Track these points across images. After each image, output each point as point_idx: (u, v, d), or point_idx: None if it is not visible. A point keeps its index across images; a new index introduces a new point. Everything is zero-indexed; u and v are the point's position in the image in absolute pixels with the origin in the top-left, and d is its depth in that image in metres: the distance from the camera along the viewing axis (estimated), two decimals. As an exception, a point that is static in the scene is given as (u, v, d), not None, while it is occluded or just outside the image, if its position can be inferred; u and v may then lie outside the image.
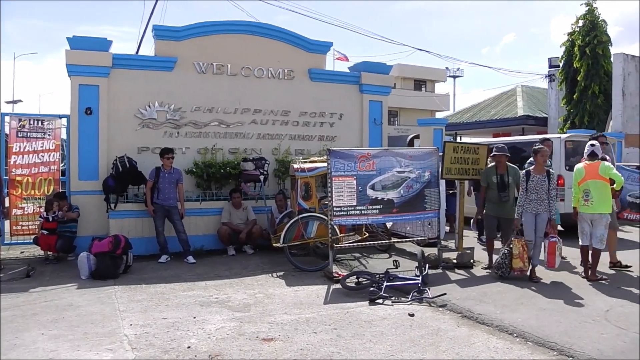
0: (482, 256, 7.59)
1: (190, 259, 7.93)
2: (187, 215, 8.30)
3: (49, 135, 8.60)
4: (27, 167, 8.49)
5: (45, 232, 7.86)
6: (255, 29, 9.86)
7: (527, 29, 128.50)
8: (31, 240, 8.27)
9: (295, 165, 7.83)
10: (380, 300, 5.69)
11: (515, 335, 4.66)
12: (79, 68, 8.47)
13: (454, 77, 45.88)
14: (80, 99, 8.51)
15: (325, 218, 7.16)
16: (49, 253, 7.99)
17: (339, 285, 6.31)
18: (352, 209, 6.95)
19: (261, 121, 9.78)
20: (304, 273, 7.20)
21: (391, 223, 8.38)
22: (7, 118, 8.54)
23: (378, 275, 6.34)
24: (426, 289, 5.94)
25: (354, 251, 8.45)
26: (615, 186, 6.63)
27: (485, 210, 7.46)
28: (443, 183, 8.20)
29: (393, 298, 5.80)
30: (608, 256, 7.26)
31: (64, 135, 9.23)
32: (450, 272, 7.14)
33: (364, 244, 7.91)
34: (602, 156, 7.11)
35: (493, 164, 7.41)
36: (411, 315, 5.20)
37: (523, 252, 6.47)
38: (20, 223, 8.53)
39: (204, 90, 9.37)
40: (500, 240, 7.42)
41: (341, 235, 7.66)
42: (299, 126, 10.06)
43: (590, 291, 6.09)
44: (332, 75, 10.81)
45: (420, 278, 6.19)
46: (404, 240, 8.61)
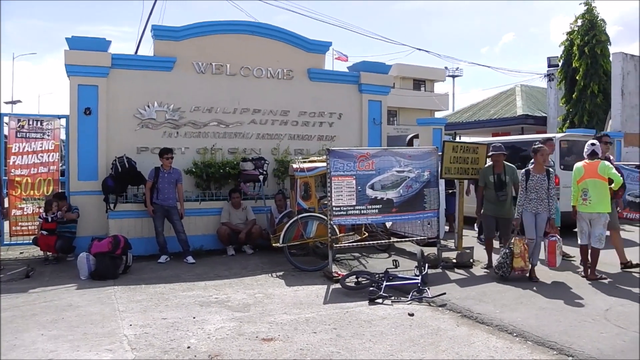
0: (482, 256, 7.59)
1: (190, 259, 7.93)
2: (187, 215, 8.30)
3: (48, 135, 8.60)
4: (27, 168, 8.49)
5: (44, 233, 7.86)
6: (255, 29, 9.86)
7: (527, 28, 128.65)
8: (30, 241, 8.27)
9: (295, 165, 7.83)
10: (379, 300, 5.70)
11: (514, 334, 4.67)
12: (78, 68, 8.47)
13: (453, 77, 45.80)
14: (80, 99, 8.51)
15: (325, 218, 7.16)
16: (48, 253, 7.99)
17: (338, 285, 6.31)
18: (352, 208, 6.95)
19: (260, 121, 9.78)
20: (303, 273, 7.20)
21: (390, 223, 8.38)
22: (6, 118, 8.54)
23: (378, 275, 6.34)
24: (426, 288, 5.94)
25: (354, 251, 8.45)
26: (613, 186, 6.62)
27: (483, 210, 7.46)
28: (442, 182, 8.20)
29: (393, 298, 5.80)
30: (606, 256, 7.25)
31: (63, 136, 9.24)
32: (450, 272, 7.15)
33: (363, 243, 7.93)
34: (606, 156, 7.10)
35: (490, 163, 7.42)
36: (411, 314, 5.20)
37: (524, 252, 6.44)
38: (19, 223, 8.53)
39: (203, 90, 9.37)
40: (498, 239, 7.43)
41: (341, 235, 7.67)
42: (298, 126, 10.07)
43: (590, 290, 6.09)
44: (332, 75, 10.81)
45: (419, 278, 6.19)
46: (403, 239, 8.61)
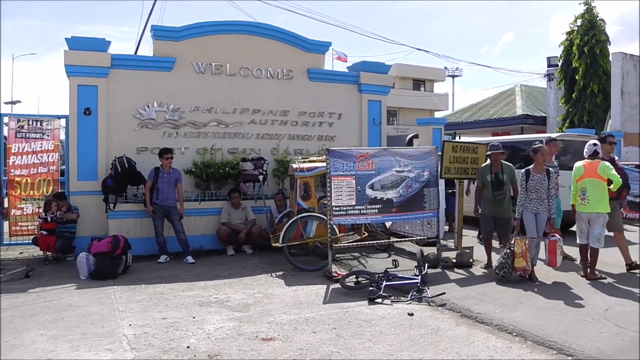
0: (482, 255, 7.59)
1: (190, 259, 7.93)
2: (186, 215, 8.30)
3: (47, 135, 8.60)
4: (26, 168, 8.48)
5: (44, 233, 7.86)
6: (254, 29, 9.86)
7: (526, 28, 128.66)
8: (30, 241, 8.27)
9: (295, 165, 7.83)
10: (379, 300, 5.70)
11: (514, 334, 4.67)
12: (77, 68, 8.46)
13: (453, 77, 45.76)
14: (79, 100, 8.50)
15: (325, 218, 7.16)
16: (48, 253, 7.99)
17: (338, 285, 6.31)
18: (351, 208, 6.95)
19: (260, 121, 9.78)
20: (303, 273, 7.20)
21: (390, 222, 8.38)
22: (6, 119, 8.53)
23: (377, 275, 6.34)
24: (425, 288, 5.94)
25: (353, 251, 8.45)
26: (612, 187, 6.60)
27: (481, 210, 7.46)
28: (442, 182, 8.20)
29: (392, 297, 5.80)
30: (606, 256, 7.25)
31: (62, 136, 9.23)
32: (450, 272, 7.14)
33: (363, 243, 7.93)
34: (611, 157, 7.08)
35: (488, 162, 7.41)
36: (410, 314, 5.20)
37: (526, 251, 6.34)
38: (19, 223, 8.52)
39: (203, 90, 9.36)
40: (498, 239, 7.43)
41: (340, 234, 7.67)
42: (298, 126, 10.07)
43: (590, 290, 6.08)
44: (331, 75, 10.81)
45: (419, 277, 6.19)
46: (403, 239, 8.61)
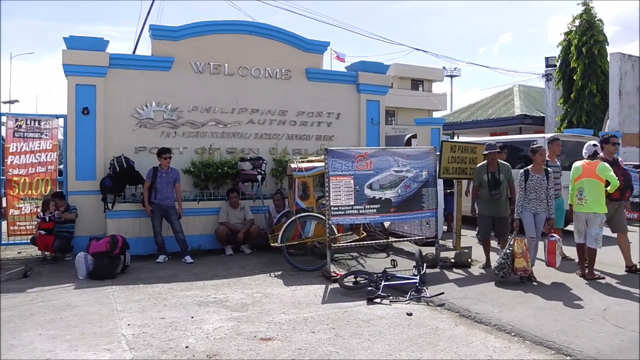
0: (480, 255, 7.59)
1: (188, 258, 7.92)
2: (185, 215, 8.29)
3: (46, 135, 8.58)
4: (24, 167, 8.46)
5: (42, 232, 7.84)
6: (253, 29, 9.85)
7: (525, 28, 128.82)
8: (28, 241, 8.25)
9: (293, 165, 7.83)
10: (378, 300, 5.70)
11: (513, 334, 4.67)
12: (76, 68, 8.45)
13: (451, 77, 45.73)
14: (78, 99, 8.49)
15: (323, 217, 7.16)
16: (46, 253, 7.98)
17: (336, 285, 6.31)
18: (350, 208, 6.95)
19: (258, 121, 9.78)
20: (301, 273, 7.20)
21: (389, 222, 8.38)
22: (4, 118, 8.50)
23: (376, 275, 6.34)
24: (424, 288, 5.94)
25: (352, 251, 8.45)
26: (609, 188, 6.60)
27: (478, 210, 7.46)
28: (441, 182, 8.21)
29: (391, 297, 5.80)
30: (605, 256, 7.27)
31: (61, 136, 9.21)
32: (448, 272, 7.15)
33: (361, 243, 7.92)
34: (615, 158, 7.05)
35: (484, 162, 7.42)
36: (409, 314, 5.20)
37: (526, 251, 6.28)
38: (17, 223, 8.49)
39: (201, 90, 9.36)
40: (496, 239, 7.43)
41: (339, 234, 7.67)
42: (297, 126, 10.07)
43: (588, 290, 6.09)
44: (330, 74, 10.81)
45: (418, 277, 6.19)
46: (401, 239, 8.61)
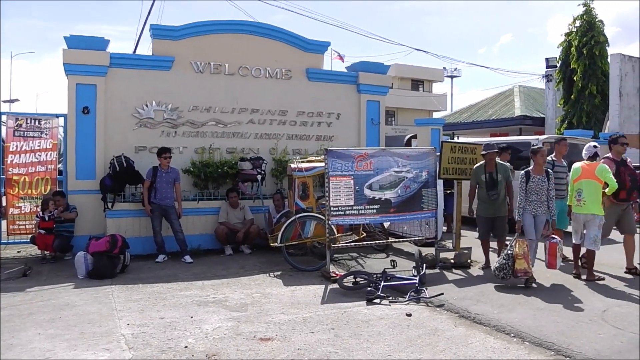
0: (480, 256, 7.59)
1: (188, 258, 7.92)
2: (185, 214, 8.28)
3: (46, 134, 8.58)
4: (24, 167, 8.46)
5: (42, 232, 7.84)
6: (253, 29, 9.85)
7: (525, 29, 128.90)
8: (28, 240, 8.25)
9: (293, 165, 7.83)
10: (377, 300, 5.69)
11: (512, 335, 4.67)
12: (76, 67, 8.45)
13: (452, 77, 45.80)
14: (78, 98, 8.49)
15: (323, 218, 7.16)
16: (46, 252, 7.98)
17: (336, 285, 6.31)
18: (350, 208, 6.95)
19: (259, 121, 9.78)
20: (301, 273, 7.20)
21: (388, 223, 8.38)
22: (4, 117, 8.51)
23: (375, 275, 6.34)
24: (423, 288, 5.94)
25: (352, 251, 8.45)
26: (607, 190, 6.59)
27: (476, 211, 7.45)
28: (440, 183, 8.21)
29: (390, 298, 5.80)
30: (604, 257, 7.27)
31: (61, 135, 9.21)
32: (448, 272, 7.15)
33: (361, 243, 7.92)
34: (623, 158, 7.00)
35: (482, 162, 7.41)
36: (408, 315, 5.20)
37: (527, 253, 6.19)
38: (17, 222, 8.50)
39: (202, 89, 9.36)
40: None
41: (338, 235, 7.67)
42: (297, 126, 10.07)
43: (588, 291, 6.09)
44: (330, 75, 10.81)
45: (417, 278, 6.19)
46: (401, 240, 8.61)
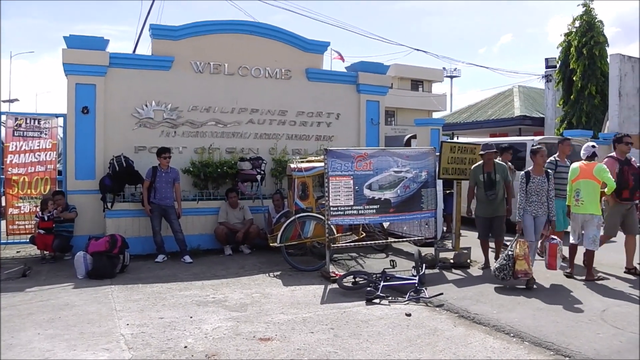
0: (479, 256, 7.59)
1: (187, 258, 7.92)
2: (184, 214, 8.28)
3: (45, 134, 8.57)
4: (24, 167, 8.45)
5: (41, 232, 7.83)
6: (253, 29, 9.85)
7: (524, 29, 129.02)
8: (28, 240, 8.25)
9: (293, 165, 7.83)
10: (377, 300, 5.70)
11: (511, 335, 4.68)
12: (75, 67, 8.44)
13: (451, 77, 45.82)
14: (77, 98, 8.48)
15: (322, 218, 7.16)
16: (45, 252, 7.97)
17: (335, 285, 6.31)
18: (349, 208, 6.95)
19: (258, 121, 9.77)
20: (300, 273, 7.20)
21: (388, 223, 8.38)
22: (4, 117, 8.50)
23: (375, 275, 6.34)
24: (423, 288, 5.94)
25: (351, 251, 8.45)
26: (606, 190, 6.60)
27: (475, 211, 7.45)
28: (440, 183, 8.21)
29: (390, 298, 5.81)
30: (603, 257, 7.27)
31: (60, 135, 9.20)
32: (447, 272, 7.15)
33: (360, 243, 7.92)
34: (627, 158, 6.94)
35: (480, 162, 7.42)
36: (408, 315, 5.21)
37: (528, 254, 6.16)
38: (16, 222, 8.48)
39: (201, 89, 9.36)
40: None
41: (338, 235, 7.67)
42: (296, 126, 10.07)
43: (587, 292, 6.10)
44: (330, 75, 10.81)
45: (417, 278, 6.20)
46: (401, 240, 8.61)
